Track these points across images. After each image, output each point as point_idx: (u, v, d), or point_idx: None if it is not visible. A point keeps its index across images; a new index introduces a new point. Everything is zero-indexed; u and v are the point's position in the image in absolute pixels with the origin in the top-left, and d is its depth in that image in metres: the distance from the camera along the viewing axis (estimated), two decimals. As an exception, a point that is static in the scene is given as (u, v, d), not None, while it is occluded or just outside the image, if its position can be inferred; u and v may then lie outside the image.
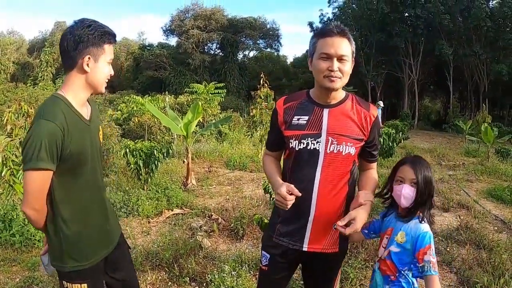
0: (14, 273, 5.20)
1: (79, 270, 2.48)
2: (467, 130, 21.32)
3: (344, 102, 2.61)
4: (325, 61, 2.47)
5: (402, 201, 2.59)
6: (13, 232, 5.87)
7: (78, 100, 2.40)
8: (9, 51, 53.46)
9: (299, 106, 2.65)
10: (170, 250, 5.44)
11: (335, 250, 2.67)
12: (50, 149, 2.18)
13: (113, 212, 2.83)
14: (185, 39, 48.32)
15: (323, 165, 2.54)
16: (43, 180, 2.26)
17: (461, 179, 11.14)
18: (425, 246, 2.49)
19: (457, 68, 38.68)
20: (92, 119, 2.55)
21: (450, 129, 30.37)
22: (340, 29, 2.48)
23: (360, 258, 5.24)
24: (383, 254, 2.67)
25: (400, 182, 2.62)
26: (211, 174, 11.32)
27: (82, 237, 2.46)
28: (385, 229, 2.73)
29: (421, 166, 2.59)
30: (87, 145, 2.43)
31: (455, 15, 34.69)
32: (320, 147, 2.53)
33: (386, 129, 13.25)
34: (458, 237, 6.18)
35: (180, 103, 23.90)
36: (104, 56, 2.39)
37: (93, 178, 2.53)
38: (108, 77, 2.47)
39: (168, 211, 7.54)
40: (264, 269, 2.84)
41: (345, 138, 2.53)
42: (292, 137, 2.59)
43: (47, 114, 2.24)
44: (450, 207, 8.02)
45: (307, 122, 2.57)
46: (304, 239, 2.62)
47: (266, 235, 2.88)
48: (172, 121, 9.51)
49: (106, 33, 2.38)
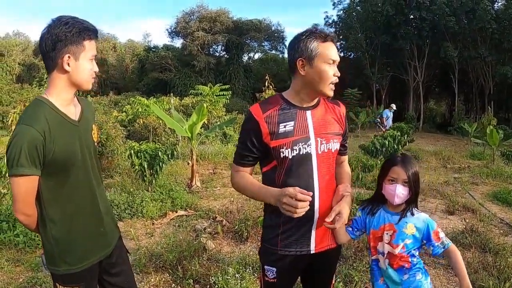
0: (17, 273, 5.21)
1: (72, 274, 2.45)
2: (472, 133, 21.24)
3: (320, 102, 2.64)
4: (331, 67, 2.46)
5: (396, 199, 2.67)
6: (17, 233, 5.88)
7: (62, 101, 2.34)
8: (14, 53, 53.80)
9: (280, 112, 2.53)
10: (174, 252, 5.43)
11: (335, 245, 2.72)
12: (30, 155, 2.14)
13: (110, 214, 2.74)
14: (190, 41, 48.43)
15: (318, 167, 2.53)
16: (27, 186, 2.24)
17: (467, 182, 11.10)
18: (435, 226, 2.70)
19: (462, 71, 38.61)
20: (82, 118, 2.48)
21: (455, 132, 30.25)
22: (332, 35, 2.55)
23: (365, 261, 5.22)
24: (396, 250, 2.68)
25: (392, 182, 2.69)
26: (216, 176, 11.33)
27: (73, 240, 2.42)
28: (380, 225, 2.76)
29: (411, 165, 2.69)
30: (75, 146, 2.37)
31: (460, 17, 34.59)
32: (311, 149, 2.51)
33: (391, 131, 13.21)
34: (464, 241, 6.14)
35: (185, 105, 23.95)
36: (85, 53, 2.29)
37: (84, 179, 2.45)
38: (93, 74, 2.38)
39: (173, 213, 7.54)
40: (272, 281, 2.72)
41: (331, 135, 2.58)
42: (283, 146, 2.49)
43: (27, 119, 2.21)
44: (455, 210, 7.98)
45: (294, 127, 2.51)
46: (310, 242, 2.60)
47: (267, 251, 2.71)
48: (177, 123, 9.53)
49: (84, 29, 2.27)
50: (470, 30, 34.97)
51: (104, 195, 2.70)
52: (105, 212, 2.62)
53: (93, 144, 2.58)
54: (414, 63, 39.99)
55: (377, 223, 2.77)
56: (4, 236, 5.85)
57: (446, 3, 34.11)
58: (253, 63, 56.46)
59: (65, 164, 2.32)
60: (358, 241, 5.76)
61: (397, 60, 41.11)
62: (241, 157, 2.66)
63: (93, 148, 2.56)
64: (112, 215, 2.76)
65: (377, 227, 2.76)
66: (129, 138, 15.84)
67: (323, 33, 2.50)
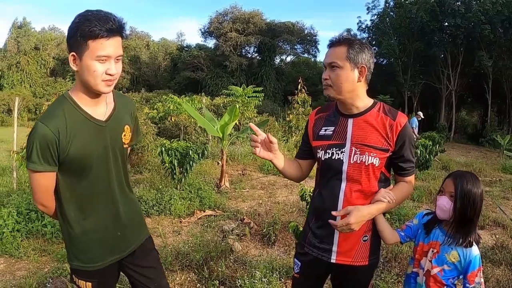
0: (43, 263, 5.31)
1: (84, 270, 2.48)
2: (505, 145, 20.84)
3: (369, 111, 2.57)
4: (324, 71, 2.56)
5: (438, 211, 2.62)
6: (45, 223, 5.99)
7: (86, 100, 2.30)
8: (49, 47, 54.71)
9: (328, 117, 2.69)
10: (201, 252, 5.45)
11: (364, 263, 2.63)
12: (42, 152, 2.16)
13: (135, 218, 2.68)
14: (223, 41, 48.69)
15: (348, 175, 2.53)
16: (42, 180, 2.28)
17: (498, 196, 10.89)
18: (477, 268, 2.54)
19: (496, 81, 37.90)
20: (113, 118, 2.42)
21: (487, 144, 29.81)
22: (336, 38, 2.53)
23: (393, 272, 5.16)
24: (433, 271, 2.62)
25: (441, 193, 2.63)
26: (245, 178, 11.34)
27: (86, 240, 2.44)
28: (430, 241, 2.68)
29: (465, 180, 2.56)
30: (96, 147, 2.33)
31: (496, 25, 33.99)
32: (344, 157, 2.54)
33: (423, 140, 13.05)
34: (493, 257, 6.02)
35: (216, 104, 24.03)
36: (88, 52, 2.12)
37: (104, 182, 2.43)
38: (104, 76, 2.18)
39: (200, 212, 7.57)
40: (296, 276, 2.87)
41: (368, 148, 2.49)
42: (319, 147, 2.64)
43: (44, 117, 2.22)
44: (485, 225, 7.84)
45: (333, 132, 2.60)
46: (331, 250, 2.61)
47: (299, 243, 2.90)
48: (209, 122, 9.56)
49: (89, 28, 2.09)
50: (506, 40, 34.31)
51: (130, 199, 2.65)
52: (127, 217, 2.58)
53: (122, 146, 2.51)
54: (447, 71, 39.45)
55: (428, 238, 2.70)
56: (32, 226, 5.96)
57: (481, 11, 33.54)
58: (285, 66, 56.44)
59: (83, 164, 2.31)
60: (386, 251, 5.70)
61: (430, 68, 40.61)
62: (299, 149, 2.94)
63: (120, 150, 2.50)
64: (137, 219, 2.72)
65: (426, 242, 2.70)
66: (159, 135, 15.97)
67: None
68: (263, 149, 2.61)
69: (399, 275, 5.08)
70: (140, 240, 2.68)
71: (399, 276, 5.05)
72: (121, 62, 2.29)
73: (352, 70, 2.45)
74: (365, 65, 2.47)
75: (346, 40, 2.48)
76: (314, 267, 2.74)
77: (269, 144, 2.59)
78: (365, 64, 2.47)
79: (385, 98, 36.26)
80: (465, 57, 37.66)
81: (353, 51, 2.44)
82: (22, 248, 5.61)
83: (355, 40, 2.51)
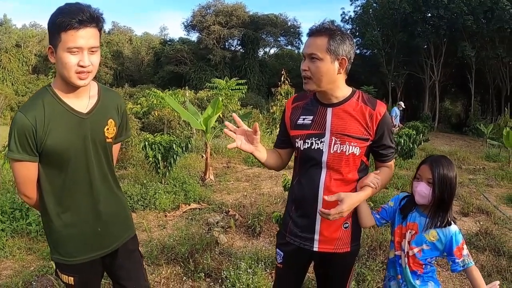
0: (29, 261, 5.26)
1: (64, 264, 2.48)
2: (488, 134, 21.02)
3: (348, 100, 2.55)
4: (303, 61, 2.51)
5: (417, 197, 2.64)
6: (30, 221, 5.93)
7: (66, 92, 2.29)
8: (31, 44, 54.17)
9: (305, 106, 2.66)
10: (186, 245, 5.44)
11: (346, 250, 2.65)
12: (20, 141, 2.19)
13: (119, 216, 2.64)
14: (206, 34, 48.56)
15: (328, 165, 2.53)
16: (22, 170, 2.29)
17: (481, 183, 10.99)
18: (460, 242, 2.59)
19: (479, 71, 38.20)
20: (95, 111, 2.40)
21: (470, 133, 30.04)
22: (316, 28, 2.47)
23: (378, 260, 5.18)
24: (412, 251, 2.65)
25: (418, 179, 2.65)
26: (229, 170, 11.34)
27: (65, 234, 2.42)
28: (407, 223, 2.72)
29: (441, 165, 2.58)
30: (75, 139, 2.31)
31: (478, 16, 34.16)
32: (324, 147, 2.53)
33: (407, 130, 13.11)
34: (477, 243, 6.08)
35: (200, 98, 24.03)
36: (61, 44, 2.11)
37: (83, 175, 2.40)
38: (76, 68, 2.17)
39: (185, 206, 7.55)
40: (279, 266, 2.87)
41: (348, 138, 2.49)
42: (298, 137, 2.61)
43: (24, 107, 2.27)
44: (469, 212, 7.91)
45: (312, 122, 2.58)
46: (313, 239, 2.62)
47: (280, 233, 2.89)
48: (192, 116, 9.51)
49: (62, 19, 2.09)
50: (488, 30, 34.50)
51: (116, 196, 2.62)
52: (109, 213, 2.54)
53: (104, 140, 2.47)
54: (430, 61, 39.65)
55: (406, 221, 2.73)
56: (17, 225, 5.89)
57: (464, 1, 33.66)
58: (269, 58, 56.42)
59: (61, 155, 2.30)
60: (371, 240, 5.73)
61: (414, 59, 40.80)
62: (277, 138, 2.90)
63: (101, 144, 2.47)
64: (123, 217, 2.69)
65: (404, 224, 2.73)
66: (143, 130, 15.90)
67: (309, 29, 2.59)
68: (244, 141, 2.57)
69: (384, 263, 5.10)
70: (123, 239, 2.64)
71: (384, 264, 5.07)
72: (97, 55, 2.26)
73: (333, 62, 2.42)
74: (345, 56, 2.43)
75: (327, 31, 2.42)
76: (297, 256, 2.74)
77: (251, 136, 2.55)
78: (345, 55, 2.43)
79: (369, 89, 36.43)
80: (448, 48, 37.85)
81: (334, 42, 2.39)
82: (7, 247, 5.54)
83: (336, 30, 2.45)
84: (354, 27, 45.72)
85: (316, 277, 3.01)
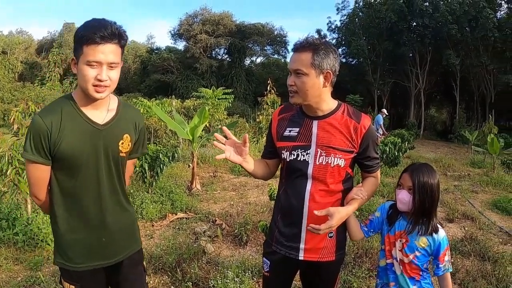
0: (16, 272, 5.21)
1: (67, 270, 2.49)
2: (473, 141, 21.24)
3: (334, 113, 2.60)
4: (289, 76, 2.55)
5: (399, 204, 2.72)
6: (16, 231, 5.87)
7: (84, 102, 2.36)
8: (17, 51, 53.72)
9: (292, 118, 2.70)
10: (173, 254, 5.44)
11: (331, 258, 2.68)
12: (35, 142, 2.26)
13: (126, 230, 2.65)
14: (193, 43, 48.46)
15: (313, 176, 2.57)
16: (35, 172, 2.36)
17: (466, 190, 11.10)
18: (445, 248, 2.68)
19: (464, 79, 38.61)
20: (112, 125, 2.45)
21: (456, 139, 30.34)
22: (300, 43, 2.52)
23: (364, 267, 5.21)
24: (408, 258, 2.70)
25: (400, 187, 2.73)
26: (216, 179, 11.32)
27: (70, 240, 2.45)
28: (395, 231, 2.77)
29: (421, 173, 2.65)
30: (87, 148, 2.36)
31: (462, 25, 34.55)
32: (309, 158, 2.57)
33: (392, 138, 13.22)
34: (463, 248, 6.14)
35: (186, 107, 23.94)
36: (82, 57, 2.21)
37: (93, 185, 2.43)
38: (93, 82, 2.24)
39: (172, 215, 7.53)
40: (266, 274, 2.89)
41: (334, 150, 2.54)
42: (284, 148, 2.65)
43: (42, 110, 2.37)
44: (455, 218, 7.99)
45: (298, 134, 2.62)
46: (299, 248, 2.64)
47: (266, 242, 2.92)
48: (179, 125, 9.51)
49: (85, 33, 2.19)
50: (473, 38, 34.93)
51: (125, 209, 2.64)
52: (114, 224, 2.54)
53: (117, 153, 2.51)
54: (416, 70, 40.00)
55: (393, 229, 2.78)
56: (4, 234, 5.84)
57: (449, 11, 34.08)
58: (255, 67, 56.47)
59: (73, 161, 2.35)
60: (357, 247, 5.77)
61: (399, 67, 41.17)
62: (264, 149, 2.95)
63: (114, 157, 2.50)
64: (130, 231, 2.70)
65: (392, 233, 2.78)
66: (130, 139, 15.84)
67: (294, 44, 2.61)
68: (233, 153, 2.59)
69: (370, 270, 5.14)
70: (128, 252, 2.65)
71: (370, 271, 5.11)
72: (117, 70, 2.33)
73: (317, 77, 2.47)
74: (330, 70, 2.49)
75: (311, 46, 2.46)
76: (284, 265, 2.77)
77: (240, 148, 2.58)
78: (330, 69, 2.49)
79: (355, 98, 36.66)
80: (433, 56, 38.27)
81: (318, 57, 2.44)
82: (-6, 258, 5.51)
83: (320, 44, 2.48)
84: (340, 36, 46.00)
85: (302, 285, 3.04)
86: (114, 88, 2.37)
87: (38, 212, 6.25)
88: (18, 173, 5.94)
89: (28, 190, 5.86)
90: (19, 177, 5.91)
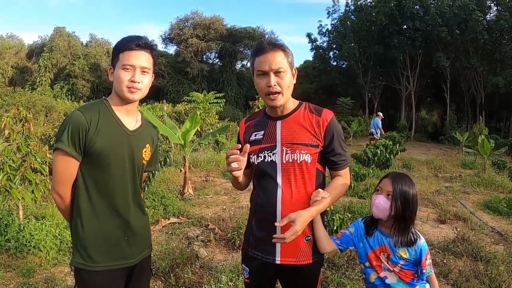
0: (8, 279, 5.16)
1: (84, 278, 2.49)
2: (464, 142, 21.37)
3: (296, 111, 2.64)
4: (263, 78, 2.54)
5: (374, 209, 2.67)
6: (8, 238, 5.83)
7: (118, 107, 2.55)
8: (8, 55, 53.30)
9: (257, 123, 2.75)
10: (167, 259, 5.42)
11: (308, 261, 2.64)
12: (72, 135, 2.35)
13: (144, 233, 2.77)
14: (184, 47, 48.49)
15: (282, 175, 2.57)
16: (64, 164, 2.42)
17: (458, 191, 11.17)
18: (425, 254, 2.64)
19: (454, 81, 38.92)
20: (138, 133, 2.63)
21: (446, 141, 30.46)
22: (272, 44, 2.55)
23: (357, 269, 5.22)
24: (397, 268, 2.68)
25: (378, 192, 2.68)
26: (208, 184, 11.31)
27: (93, 237, 2.48)
28: (376, 247, 2.72)
29: (402, 181, 2.63)
30: (118, 149, 2.49)
31: (452, 27, 34.85)
32: (276, 158, 2.58)
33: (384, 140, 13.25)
34: (455, 249, 6.17)
35: (178, 111, 23.93)
36: (119, 63, 2.47)
37: (120, 184, 2.54)
38: (127, 83, 2.47)
39: (165, 220, 7.51)
40: (247, 281, 2.87)
41: (298, 146, 2.55)
42: (252, 152, 2.63)
43: (82, 107, 2.50)
44: (446, 219, 8.04)
45: (263, 136, 2.65)
46: (275, 251, 2.61)
47: (243, 249, 2.88)
48: (170, 130, 9.51)
49: (123, 43, 2.49)
50: (462, 41, 35.24)
51: (142, 213, 2.76)
52: (136, 225, 2.64)
53: (141, 160, 2.67)
54: (406, 72, 40.25)
55: (374, 245, 2.74)
56: (-5, 241, 5.81)
57: (439, 13, 34.38)
58: (246, 71, 56.43)
59: (104, 159, 2.45)
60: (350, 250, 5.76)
61: (390, 70, 41.42)
62: None
63: (138, 163, 2.65)
64: (147, 235, 2.82)
65: (374, 248, 2.74)
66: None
67: (258, 46, 2.62)
68: None
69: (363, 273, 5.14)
70: (143, 255, 2.74)
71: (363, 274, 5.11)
72: (149, 77, 2.58)
73: (291, 74, 2.57)
74: (295, 67, 2.60)
75: (279, 46, 2.54)
76: (262, 271, 2.73)
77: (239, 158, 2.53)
78: (294, 66, 2.60)
79: (346, 101, 36.80)
80: (424, 59, 38.51)
81: (288, 56, 2.55)
82: (-15, 264, 5.47)
83: (283, 44, 2.58)
84: (331, 39, 46.10)
85: None
86: (145, 93, 2.61)
87: (30, 219, 6.23)
88: (10, 179, 5.90)
89: (19, 196, 5.84)
90: (10, 183, 5.87)
